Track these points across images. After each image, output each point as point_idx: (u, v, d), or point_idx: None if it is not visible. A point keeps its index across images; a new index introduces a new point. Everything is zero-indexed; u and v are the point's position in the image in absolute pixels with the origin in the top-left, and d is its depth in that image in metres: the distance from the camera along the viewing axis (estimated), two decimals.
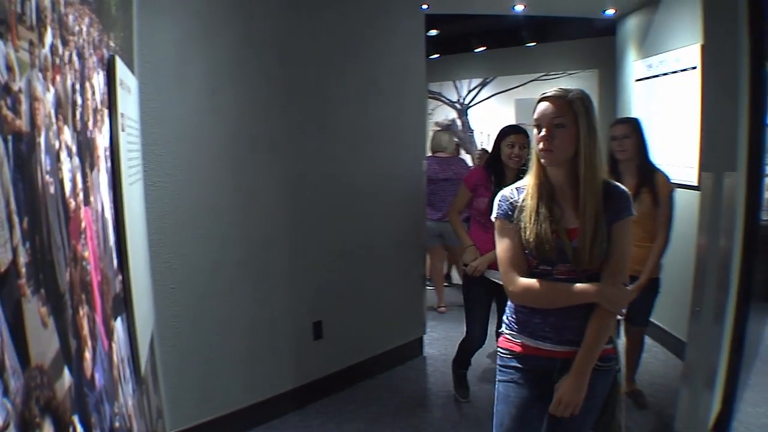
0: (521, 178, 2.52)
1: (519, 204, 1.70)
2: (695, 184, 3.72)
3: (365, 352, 3.74)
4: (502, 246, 1.72)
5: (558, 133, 1.59)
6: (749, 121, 3.03)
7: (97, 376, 1.03)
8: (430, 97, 10.30)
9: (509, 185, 1.75)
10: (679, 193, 3.23)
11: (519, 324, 1.75)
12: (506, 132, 3.11)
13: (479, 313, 3.24)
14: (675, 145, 4.11)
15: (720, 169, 2.76)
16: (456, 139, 9.67)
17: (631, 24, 5.07)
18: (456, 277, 5.89)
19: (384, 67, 3.73)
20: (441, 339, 4.52)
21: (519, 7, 5.13)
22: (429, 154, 5.05)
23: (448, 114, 10.25)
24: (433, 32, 8.54)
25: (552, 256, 1.64)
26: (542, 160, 1.64)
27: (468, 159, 9.83)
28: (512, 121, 9.22)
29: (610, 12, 5.20)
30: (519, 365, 1.76)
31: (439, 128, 8.77)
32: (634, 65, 4.98)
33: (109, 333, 1.22)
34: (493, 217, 1.76)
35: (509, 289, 1.71)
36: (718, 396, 2.86)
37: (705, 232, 2.60)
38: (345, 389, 3.57)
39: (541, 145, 1.62)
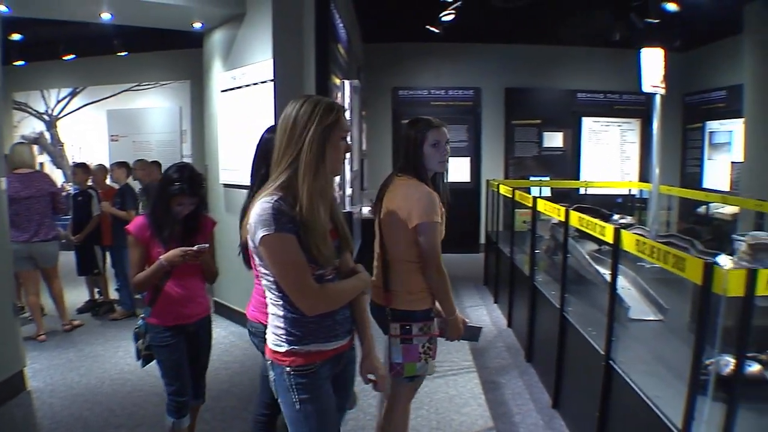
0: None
1: (296, 215, 1.62)
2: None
3: None
4: (291, 261, 1.61)
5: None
6: None
7: None
8: (16, 108, 9.15)
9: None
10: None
11: (310, 334, 1.71)
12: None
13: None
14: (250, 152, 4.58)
15: None
16: (43, 153, 8.76)
17: (217, 38, 5.43)
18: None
19: None
20: (45, 369, 4.14)
21: (106, 16, 4.99)
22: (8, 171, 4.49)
23: (35, 126, 9.21)
24: (18, 36, 7.58)
25: (330, 260, 1.72)
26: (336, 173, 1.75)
27: (59, 174, 8.98)
28: (105, 134, 8.81)
29: (198, 25, 5.47)
30: (321, 374, 1.75)
31: (24, 142, 7.77)
32: (220, 77, 5.35)
33: None
34: (270, 233, 1.58)
35: (309, 302, 1.65)
36: None
37: None
38: None
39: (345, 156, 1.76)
